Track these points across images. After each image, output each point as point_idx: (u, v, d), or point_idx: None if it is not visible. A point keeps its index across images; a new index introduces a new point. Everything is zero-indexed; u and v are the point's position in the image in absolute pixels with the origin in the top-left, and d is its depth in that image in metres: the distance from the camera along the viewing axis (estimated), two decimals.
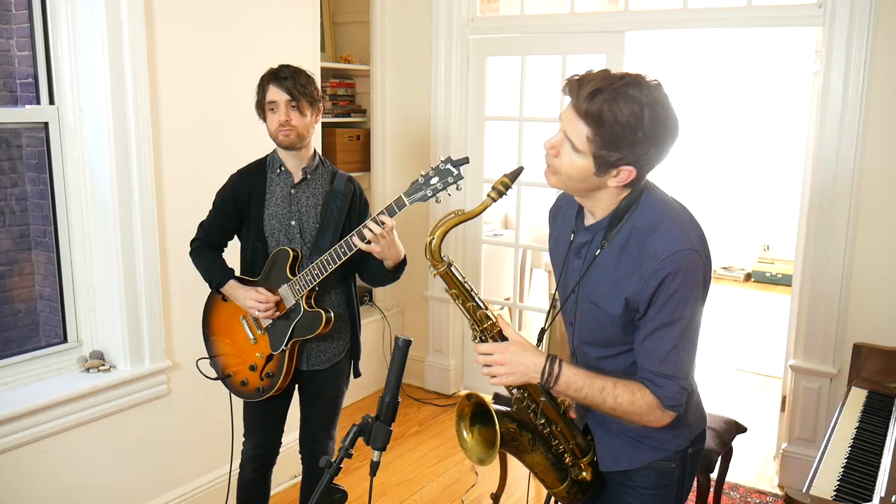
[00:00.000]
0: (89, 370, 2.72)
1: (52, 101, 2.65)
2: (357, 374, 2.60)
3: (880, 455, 2.17)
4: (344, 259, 2.20)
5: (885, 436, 2.29)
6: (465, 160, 2.10)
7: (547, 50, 4.01)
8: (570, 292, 1.66)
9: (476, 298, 1.62)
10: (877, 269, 3.15)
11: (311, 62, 3.35)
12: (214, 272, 2.41)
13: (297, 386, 2.53)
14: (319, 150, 3.47)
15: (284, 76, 2.29)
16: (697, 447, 1.74)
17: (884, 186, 3.10)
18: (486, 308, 1.62)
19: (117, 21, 2.57)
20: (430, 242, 1.62)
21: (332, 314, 2.33)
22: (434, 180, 2.11)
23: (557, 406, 1.69)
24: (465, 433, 1.67)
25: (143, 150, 2.70)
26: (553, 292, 1.75)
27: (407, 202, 2.14)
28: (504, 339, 1.59)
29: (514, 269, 4.59)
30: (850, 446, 2.28)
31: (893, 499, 1.84)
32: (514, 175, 1.58)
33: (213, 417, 2.93)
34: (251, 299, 2.31)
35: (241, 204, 2.40)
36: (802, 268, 3.37)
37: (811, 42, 3.60)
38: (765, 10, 3.36)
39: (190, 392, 2.95)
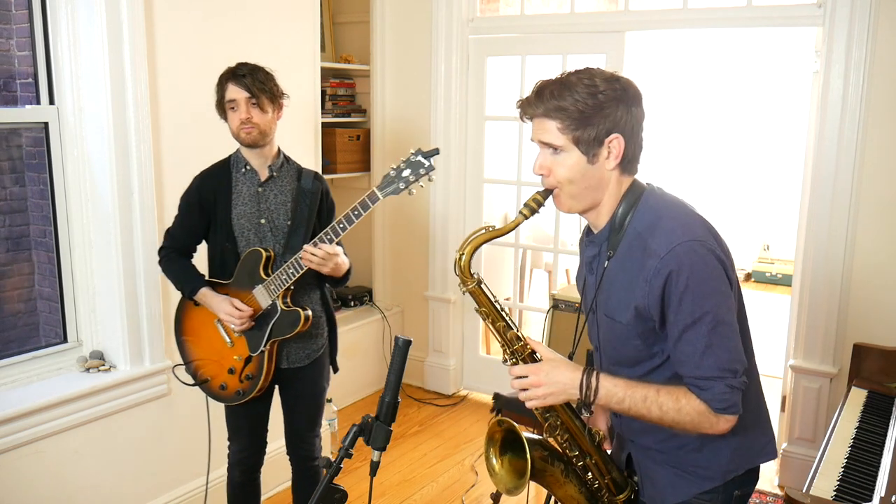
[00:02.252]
0: (89, 370, 2.72)
1: (52, 101, 2.65)
2: (335, 370, 2.57)
3: (880, 455, 2.17)
4: (306, 268, 2.21)
5: (885, 436, 2.29)
6: (436, 151, 2.11)
7: (547, 50, 4.01)
8: (588, 311, 1.61)
9: (507, 318, 1.58)
10: (877, 269, 3.15)
11: (311, 62, 3.35)
12: (186, 280, 2.38)
13: (277, 386, 2.50)
14: (320, 151, 3.48)
15: (243, 73, 2.26)
16: (746, 490, 1.61)
17: (884, 186, 3.10)
18: (517, 328, 1.58)
19: (117, 21, 2.57)
20: (461, 258, 1.56)
21: (310, 312, 2.31)
22: (406, 173, 2.10)
23: (592, 437, 1.62)
24: (494, 460, 1.61)
25: (143, 150, 2.69)
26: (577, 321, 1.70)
27: (380, 196, 2.12)
28: (535, 359, 1.55)
29: (514, 269, 4.59)
30: (850, 446, 2.27)
31: (893, 499, 1.84)
32: (547, 193, 1.52)
33: (212, 417, 2.93)
34: (225, 312, 2.29)
35: (208, 205, 2.36)
36: (802, 268, 3.37)
37: (811, 42, 3.60)
38: (765, 10, 3.36)
39: (190, 392, 2.93)
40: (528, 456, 1.51)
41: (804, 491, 1.96)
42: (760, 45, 6.81)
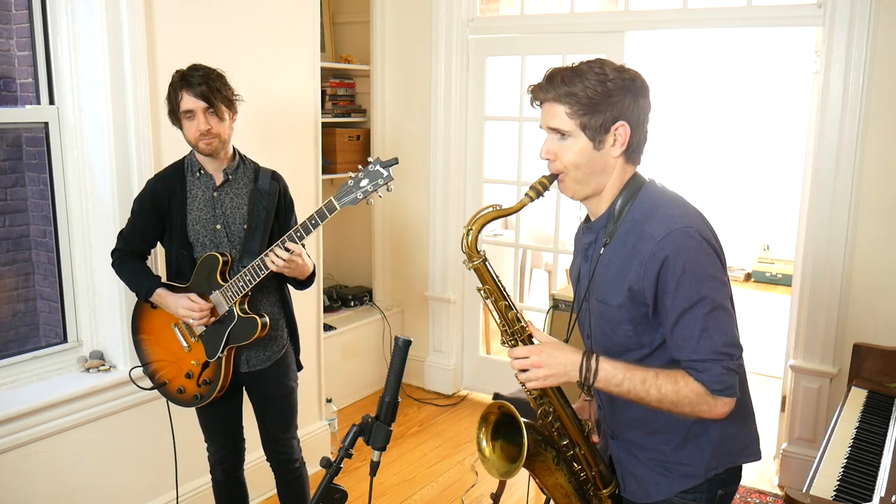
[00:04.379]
0: (89, 370, 2.72)
1: (52, 101, 2.65)
2: (299, 367, 2.55)
3: (880, 455, 2.17)
4: (268, 272, 2.18)
5: (885, 436, 2.29)
6: (395, 161, 2.09)
7: (547, 50, 4.01)
8: (582, 299, 1.63)
9: (508, 299, 1.60)
10: (877, 269, 3.15)
11: (311, 62, 3.35)
12: (141, 281, 2.34)
13: (242, 388, 2.48)
14: (320, 151, 3.48)
15: (197, 82, 2.18)
16: (730, 489, 1.62)
17: (884, 186, 3.10)
18: (517, 310, 1.60)
19: (117, 21, 2.57)
20: (468, 233, 1.57)
21: (267, 318, 2.27)
22: (364, 182, 2.08)
23: (581, 427, 1.65)
24: (484, 442, 1.62)
25: (143, 150, 2.69)
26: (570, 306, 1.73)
27: (338, 206, 2.10)
28: (533, 342, 1.57)
29: (514, 269, 4.59)
30: (850, 446, 2.27)
31: (893, 499, 1.84)
32: (552, 178, 1.55)
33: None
34: (183, 307, 2.24)
35: (162, 209, 2.31)
36: (802, 268, 3.37)
37: (811, 42, 3.60)
38: (765, 10, 3.36)
39: None
40: (525, 436, 1.51)
41: (804, 491, 1.96)
42: (760, 45, 6.81)
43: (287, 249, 2.15)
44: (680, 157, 7.24)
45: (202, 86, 2.18)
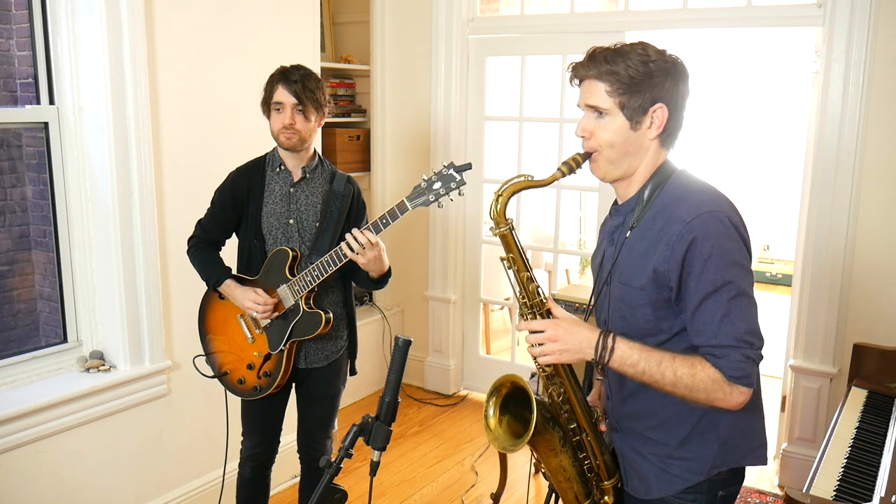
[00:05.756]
0: (89, 370, 2.72)
1: (52, 101, 2.65)
2: (353, 373, 2.59)
3: (880, 455, 2.17)
4: (344, 262, 2.20)
5: (885, 436, 2.29)
6: (468, 166, 2.09)
7: (547, 50, 4.01)
8: (603, 282, 1.61)
9: (531, 270, 1.59)
10: (877, 268, 3.15)
11: (311, 62, 3.35)
12: (212, 271, 2.40)
13: (294, 384, 2.52)
14: (319, 150, 3.48)
15: (295, 79, 2.27)
16: (731, 490, 1.60)
17: (884, 186, 3.10)
18: (538, 283, 1.58)
19: (117, 21, 2.57)
20: (497, 199, 1.57)
21: (331, 315, 2.32)
22: (437, 185, 2.09)
23: (590, 413, 1.63)
24: (491, 412, 1.60)
25: (143, 150, 2.69)
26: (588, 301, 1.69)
27: (409, 206, 2.11)
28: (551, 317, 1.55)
29: None
30: (850, 446, 2.28)
31: (893, 499, 1.84)
32: (586, 156, 1.55)
33: (212, 417, 2.93)
34: (249, 300, 2.31)
35: (240, 201, 2.39)
36: (802, 268, 3.37)
37: (811, 42, 3.60)
38: (765, 10, 3.36)
39: (190, 392, 2.95)
40: (535, 410, 1.49)
41: (804, 491, 1.96)
42: (760, 45, 6.81)
43: (365, 238, 2.16)
44: (680, 157, 7.22)
45: (298, 83, 2.27)
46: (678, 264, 1.43)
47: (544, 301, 1.57)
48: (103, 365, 2.75)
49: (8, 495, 2.43)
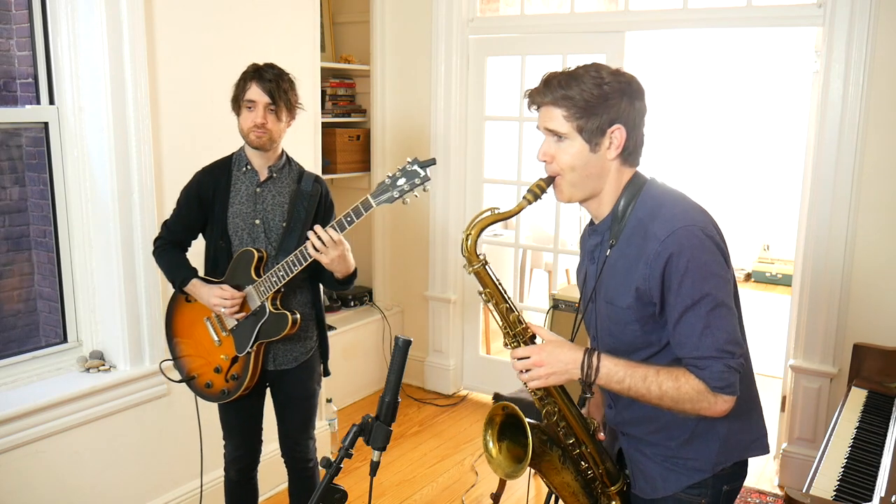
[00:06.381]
0: (89, 370, 2.72)
1: (52, 101, 2.65)
2: (327, 373, 2.56)
3: (880, 455, 2.17)
4: (309, 261, 2.17)
5: (885, 436, 2.29)
6: (432, 161, 2.08)
7: (547, 50, 4.01)
8: (588, 301, 1.64)
9: (509, 301, 1.61)
10: (877, 268, 3.15)
11: (311, 62, 3.35)
12: (178, 271, 2.37)
13: (268, 386, 2.50)
14: (320, 151, 3.48)
15: (269, 78, 2.25)
16: (735, 484, 1.63)
17: (884, 186, 3.10)
18: (518, 311, 1.61)
19: (117, 21, 2.57)
20: (467, 238, 1.60)
21: (298, 315, 2.29)
22: (401, 182, 2.07)
23: (587, 425, 1.65)
24: (490, 444, 1.63)
25: (143, 150, 2.69)
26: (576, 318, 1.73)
27: (374, 204, 2.09)
28: (535, 342, 1.58)
29: (514, 269, 4.59)
30: (850, 446, 2.28)
31: (893, 499, 1.84)
32: (550, 180, 1.56)
33: (212, 417, 2.93)
34: (216, 297, 2.26)
35: (206, 201, 2.35)
36: (802, 268, 3.37)
37: (811, 42, 3.60)
38: (765, 10, 3.36)
39: (189, 392, 2.94)
40: (530, 437, 1.52)
41: (804, 491, 1.96)
42: (760, 45, 6.81)
43: (328, 236, 2.13)
44: (680, 157, 7.23)
45: (272, 82, 2.24)
46: (658, 281, 1.46)
47: (527, 328, 1.59)
48: (103, 365, 2.75)
49: (8, 495, 2.43)
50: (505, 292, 1.62)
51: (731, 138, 7.36)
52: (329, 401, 3.66)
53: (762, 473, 3.56)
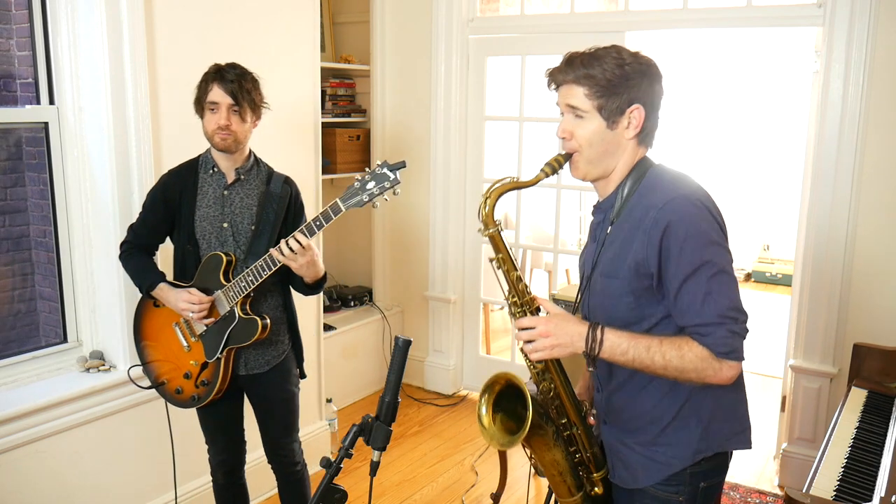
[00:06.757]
0: (89, 370, 2.72)
1: (52, 101, 2.65)
2: (303, 376, 2.53)
3: (880, 455, 2.17)
4: (277, 266, 2.15)
5: (885, 436, 2.29)
6: (402, 164, 2.08)
7: (547, 50, 4.01)
8: (588, 277, 1.65)
9: (519, 270, 1.63)
10: (877, 268, 3.15)
11: (311, 62, 3.35)
12: (144, 275, 2.32)
13: (243, 390, 2.46)
14: (320, 151, 3.48)
15: (231, 78, 2.20)
16: (713, 481, 1.61)
17: (884, 186, 3.10)
18: (526, 282, 1.63)
19: (117, 21, 2.57)
20: (486, 201, 1.61)
21: (269, 320, 2.25)
22: (370, 185, 2.06)
23: (579, 407, 1.67)
24: (483, 409, 1.63)
25: (143, 150, 2.69)
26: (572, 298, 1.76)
27: (343, 207, 2.08)
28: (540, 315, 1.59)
29: None
30: (850, 446, 2.27)
31: (893, 499, 1.84)
32: (567, 156, 1.59)
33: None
34: (183, 301, 2.22)
35: (172, 204, 2.31)
36: (802, 268, 3.37)
37: (811, 42, 3.60)
38: (765, 10, 3.36)
39: None
40: (530, 406, 1.52)
41: (804, 491, 1.96)
42: (760, 45, 6.81)
43: (296, 242, 2.12)
44: (680, 157, 7.23)
45: (234, 83, 2.21)
46: (656, 250, 1.47)
47: (534, 299, 1.61)
48: (103, 365, 2.75)
49: (8, 495, 2.43)
50: (516, 260, 1.64)
51: (731, 138, 7.37)
52: (329, 401, 3.66)
53: (762, 473, 3.56)
